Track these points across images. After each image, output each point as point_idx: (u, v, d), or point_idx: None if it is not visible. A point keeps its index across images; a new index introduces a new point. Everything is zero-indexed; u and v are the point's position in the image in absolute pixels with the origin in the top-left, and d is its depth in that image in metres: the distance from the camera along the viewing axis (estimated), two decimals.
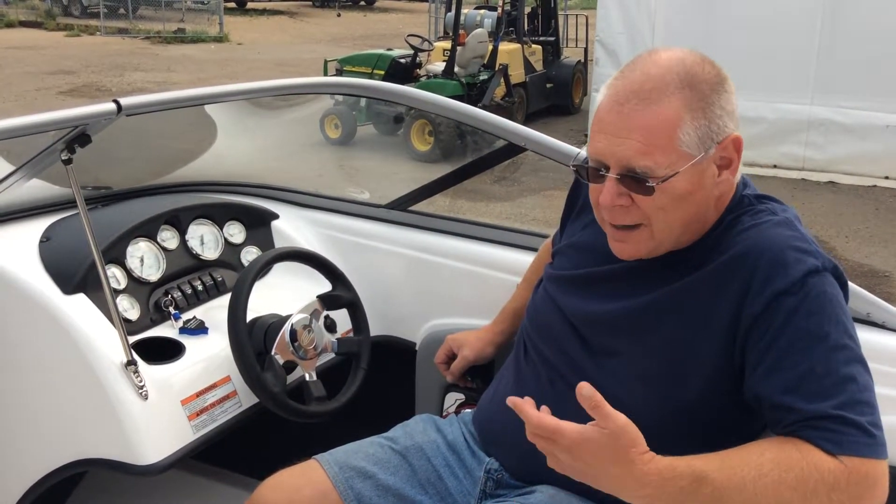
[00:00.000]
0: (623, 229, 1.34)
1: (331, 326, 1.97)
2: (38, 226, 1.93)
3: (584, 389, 1.13)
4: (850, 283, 1.41)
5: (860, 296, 1.60)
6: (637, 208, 1.30)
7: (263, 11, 25.01)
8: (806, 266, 1.25)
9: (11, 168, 1.76)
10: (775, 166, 7.89)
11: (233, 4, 23.99)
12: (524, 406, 1.19)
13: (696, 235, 1.36)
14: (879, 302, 1.62)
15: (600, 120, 1.30)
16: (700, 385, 1.31)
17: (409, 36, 9.61)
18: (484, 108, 6.77)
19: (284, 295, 2.01)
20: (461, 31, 9.31)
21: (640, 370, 1.36)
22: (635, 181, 1.27)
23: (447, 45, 9.45)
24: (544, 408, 1.21)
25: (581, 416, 1.40)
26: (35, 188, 1.93)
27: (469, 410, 1.72)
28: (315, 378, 1.85)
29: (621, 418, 1.13)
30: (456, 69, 9.08)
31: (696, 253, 1.35)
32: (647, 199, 1.28)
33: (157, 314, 1.89)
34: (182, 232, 2.06)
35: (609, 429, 1.13)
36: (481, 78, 9.21)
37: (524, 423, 1.49)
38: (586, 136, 8.92)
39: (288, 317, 1.83)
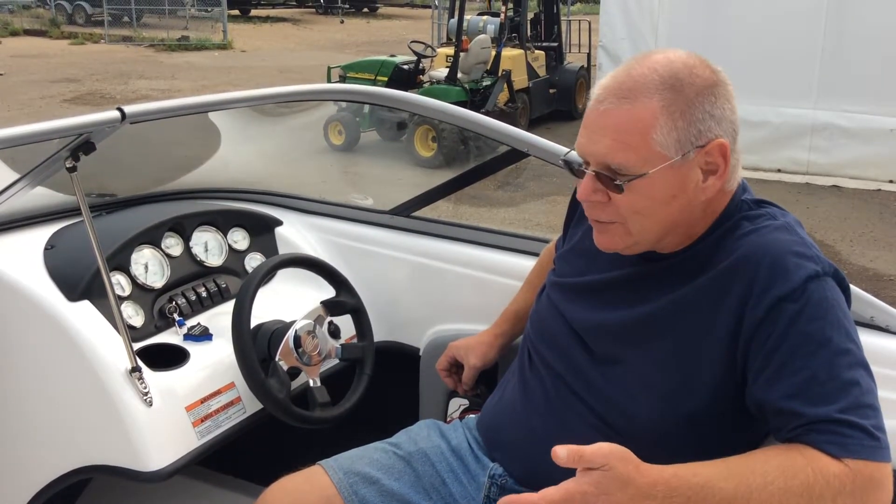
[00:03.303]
0: (601, 221, 1.36)
1: (335, 332, 1.97)
2: (43, 233, 1.93)
3: (559, 452, 1.10)
4: (853, 287, 1.41)
5: (864, 300, 1.60)
6: (613, 206, 1.31)
7: (267, 19, 25.09)
8: (806, 271, 1.25)
9: (16, 176, 1.76)
10: (779, 170, 7.88)
11: (236, 12, 24.07)
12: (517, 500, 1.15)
13: (683, 240, 1.36)
14: (883, 305, 1.62)
15: (585, 117, 1.34)
16: (704, 392, 1.31)
17: (412, 42, 9.63)
18: (487, 113, 6.77)
19: (288, 301, 2.01)
20: (464, 38, 9.33)
21: (645, 378, 1.35)
22: (609, 178, 1.29)
23: (450, 51, 9.47)
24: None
25: (586, 421, 1.41)
26: (39, 196, 1.93)
27: (473, 416, 1.72)
28: (319, 384, 1.85)
29: (601, 447, 1.11)
30: (459, 75, 9.09)
31: (696, 258, 1.35)
32: (621, 199, 1.29)
33: (161, 321, 1.89)
34: (186, 239, 2.07)
35: (596, 464, 1.10)
36: (484, 84, 9.22)
37: (528, 428, 1.50)
38: None
39: (292, 323, 1.83)
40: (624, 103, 1.27)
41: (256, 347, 1.78)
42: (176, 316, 1.90)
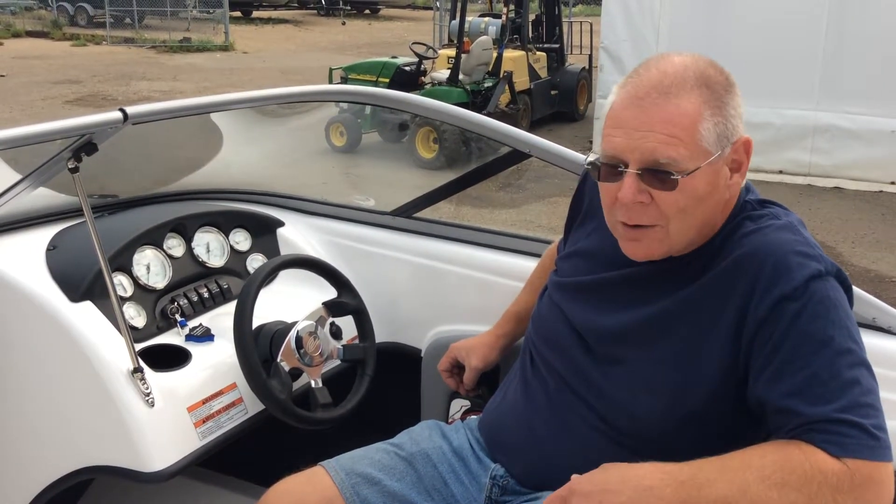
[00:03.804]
0: (637, 228, 1.32)
1: (336, 333, 1.97)
2: (45, 234, 1.94)
3: None
4: (855, 288, 1.41)
5: (866, 300, 1.60)
6: (655, 207, 1.28)
7: (269, 20, 25.10)
8: (809, 270, 1.25)
9: (18, 177, 1.77)
10: (781, 172, 7.88)
11: (238, 14, 24.08)
12: None
13: (704, 239, 1.36)
14: (885, 307, 1.62)
15: (617, 117, 1.29)
16: (706, 392, 1.31)
17: (413, 44, 9.64)
18: (488, 115, 6.77)
19: (290, 302, 2.01)
20: (466, 39, 9.34)
21: (647, 378, 1.35)
22: (657, 176, 1.26)
23: (452, 52, 9.47)
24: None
25: (587, 422, 1.41)
26: (42, 196, 1.94)
27: (475, 417, 1.72)
28: (321, 385, 1.85)
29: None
30: (460, 76, 9.10)
31: (700, 259, 1.35)
32: (667, 198, 1.26)
33: (163, 322, 1.89)
34: (188, 239, 2.07)
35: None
36: (486, 85, 9.23)
37: (530, 429, 1.50)
38: (591, 142, 8.92)
39: (294, 324, 1.83)
40: (670, 98, 1.25)
41: (258, 348, 1.78)
42: (178, 317, 1.90)
